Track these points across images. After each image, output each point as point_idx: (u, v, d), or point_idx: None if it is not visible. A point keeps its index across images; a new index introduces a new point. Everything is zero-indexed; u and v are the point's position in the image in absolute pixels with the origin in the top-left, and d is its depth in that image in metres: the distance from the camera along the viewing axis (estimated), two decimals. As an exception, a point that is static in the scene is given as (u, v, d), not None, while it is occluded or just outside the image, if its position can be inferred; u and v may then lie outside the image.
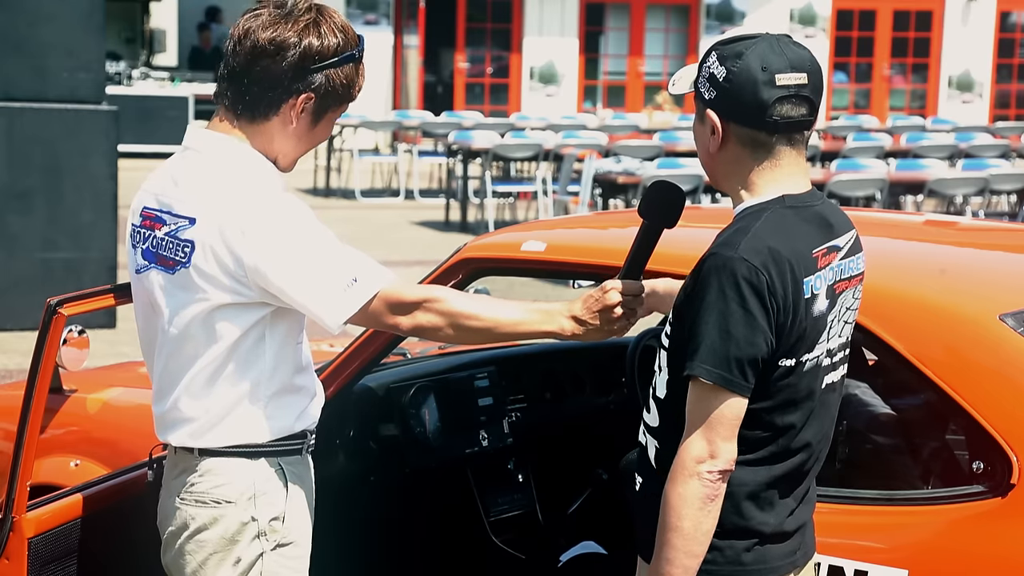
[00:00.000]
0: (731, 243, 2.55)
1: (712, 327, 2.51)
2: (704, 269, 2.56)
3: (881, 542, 2.97)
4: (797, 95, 2.59)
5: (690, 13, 24.38)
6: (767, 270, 2.52)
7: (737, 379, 2.52)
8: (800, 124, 2.62)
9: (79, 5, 9.26)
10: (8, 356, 8.66)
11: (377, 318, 2.88)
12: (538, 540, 4.46)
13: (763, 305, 2.51)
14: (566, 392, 4.65)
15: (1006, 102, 25.77)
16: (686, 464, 2.54)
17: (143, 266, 2.99)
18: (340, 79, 2.94)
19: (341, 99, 2.97)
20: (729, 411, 2.53)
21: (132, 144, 18.62)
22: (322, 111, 2.96)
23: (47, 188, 9.34)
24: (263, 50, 2.89)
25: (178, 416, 2.98)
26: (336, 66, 2.92)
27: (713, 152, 2.66)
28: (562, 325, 2.84)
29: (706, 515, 2.54)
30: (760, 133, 2.61)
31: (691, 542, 2.55)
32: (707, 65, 2.64)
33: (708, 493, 2.53)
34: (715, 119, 2.62)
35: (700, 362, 2.52)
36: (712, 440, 2.53)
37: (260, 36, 2.90)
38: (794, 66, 2.59)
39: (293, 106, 2.92)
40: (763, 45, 2.60)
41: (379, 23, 22.79)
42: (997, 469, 2.91)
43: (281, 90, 2.91)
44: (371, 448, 4.08)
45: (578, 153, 14.03)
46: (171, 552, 3.03)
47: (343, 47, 2.93)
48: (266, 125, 2.95)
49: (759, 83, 2.57)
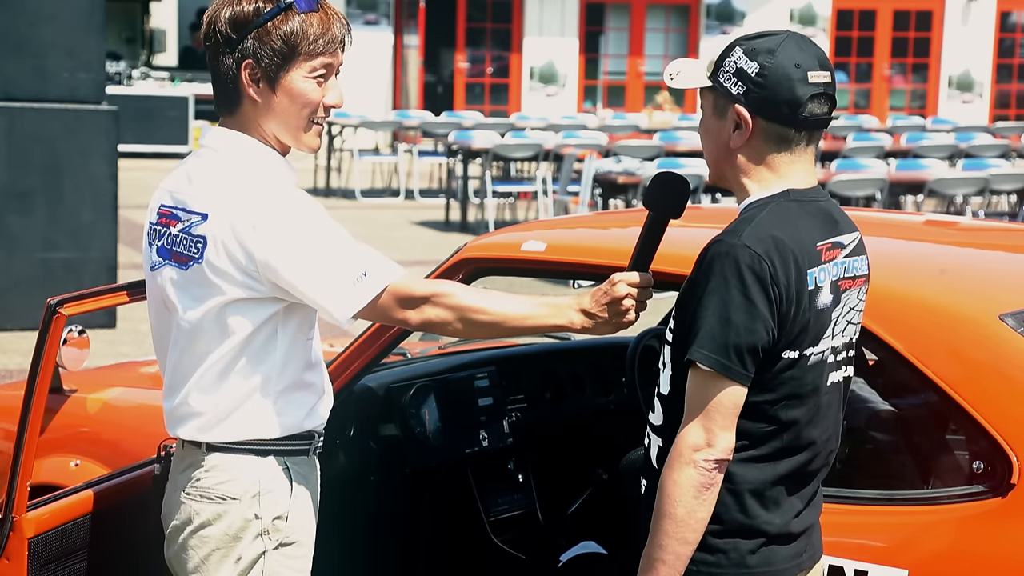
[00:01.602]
0: (735, 231, 2.56)
1: (712, 313, 2.51)
2: (707, 257, 2.56)
3: (881, 542, 2.97)
4: (825, 93, 2.61)
5: (690, 13, 24.39)
6: (770, 258, 2.52)
7: (735, 366, 2.51)
8: (825, 122, 2.64)
9: (79, 5, 9.26)
10: (8, 356, 8.66)
11: (386, 312, 2.88)
12: (538, 540, 4.46)
13: (765, 293, 2.51)
14: (566, 392, 4.65)
15: (1006, 102, 25.77)
16: (682, 451, 2.54)
17: (157, 263, 3.00)
18: (277, 36, 2.90)
19: (289, 55, 2.91)
20: (727, 399, 2.53)
21: (132, 144, 18.65)
22: (272, 73, 2.92)
23: (47, 188, 9.34)
24: (205, 45, 2.97)
25: (188, 411, 2.99)
26: (260, 26, 2.90)
27: (735, 147, 2.65)
28: (571, 318, 2.84)
29: (700, 503, 2.54)
30: (789, 130, 2.61)
31: (684, 529, 2.54)
32: (732, 60, 2.62)
33: (703, 481, 2.53)
34: (745, 114, 2.62)
35: (698, 347, 2.52)
36: (709, 428, 2.53)
37: (201, 34, 2.99)
38: (821, 64, 2.61)
39: (246, 82, 2.93)
40: (792, 43, 2.61)
41: (379, 23, 22.80)
42: (997, 469, 2.91)
43: (227, 71, 2.94)
44: (371, 448, 4.08)
45: (578, 153, 14.03)
46: (174, 547, 3.03)
47: (263, 8, 2.91)
48: (243, 111, 2.97)
49: (794, 80, 2.58)
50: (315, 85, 2.95)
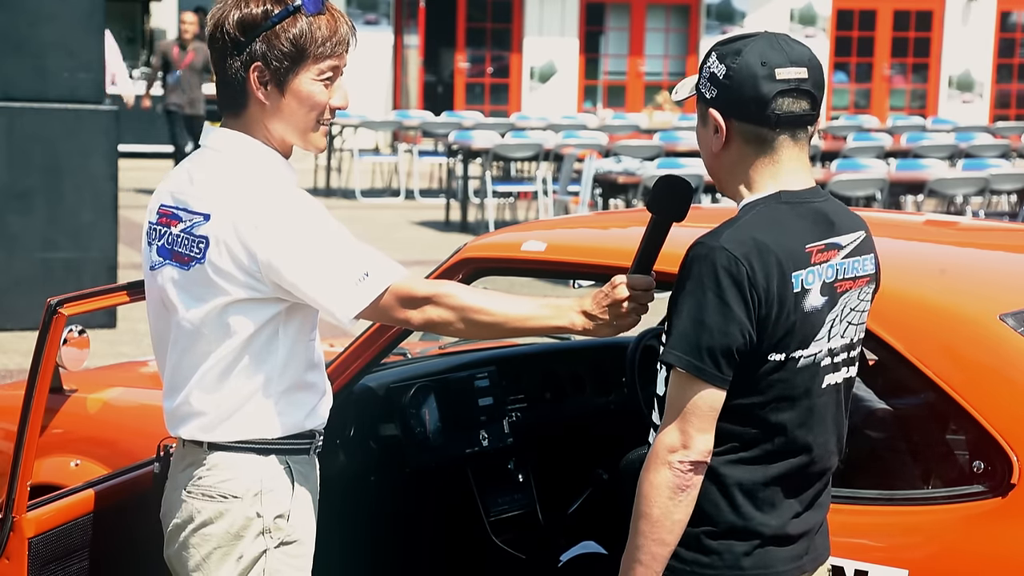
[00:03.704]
0: (715, 233, 2.57)
1: (687, 316, 2.52)
2: (687, 258, 2.57)
3: (881, 542, 2.97)
4: (798, 89, 2.60)
5: (690, 13, 24.38)
6: (748, 261, 2.52)
7: (709, 368, 2.51)
8: (802, 119, 2.62)
9: (79, 5, 9.26)
10: (8, 356, 8.66)
11: (388, 313, 2.89)
12: (538, 540, 4.46)
13: (742, 296, 2.51)
14: (566, 392, 4.65)
15: (1006, 102, 25.77)
16: (659, 453, 2.54)
17: (158, 263, 3.01)
18: (286, 38, 2.91)
19: (297, 58, 2.92)
20: (703, 402, 2.53)
21: (132, 144, 18.64)
22: (281, 76, 2.93)
23: (47, 188, 9.34)
24: (210, 45, 2.98)
25: (189, 410, 2.99)
26: (269, 28, 2.91)
27: (716, 152, 2.66)
28: (572, 320, 2.84)
29: (676, 504, 2.54)
30: (762, 129, 2.61)
31: (659, 529, 2.55)
32: (707, 66, 2.65)
33: (679, 483, 2.53)
34: (717, 117, 2.63)
35: (671, 348, 2.53)
36: (685, 431, 2.53)
37: (207, 34, 2.99)
38: (794, 61, 2.60)
39: (254, 84, 2.93)
40: (762, 42, 2.61)
41: (379, 23, 22.80)
42: (997, 469, 2.91)
43: (234, 74, 2.94)
44: (371, 448, 4.08)
45: (578, 153, 14.02)
46: (174, 545, 3.04)
47: (271, 10, 2.92)
48: (249, 112, 2.97)
49: (758, 78, 2.58)
50: (322, 87, 2.97)
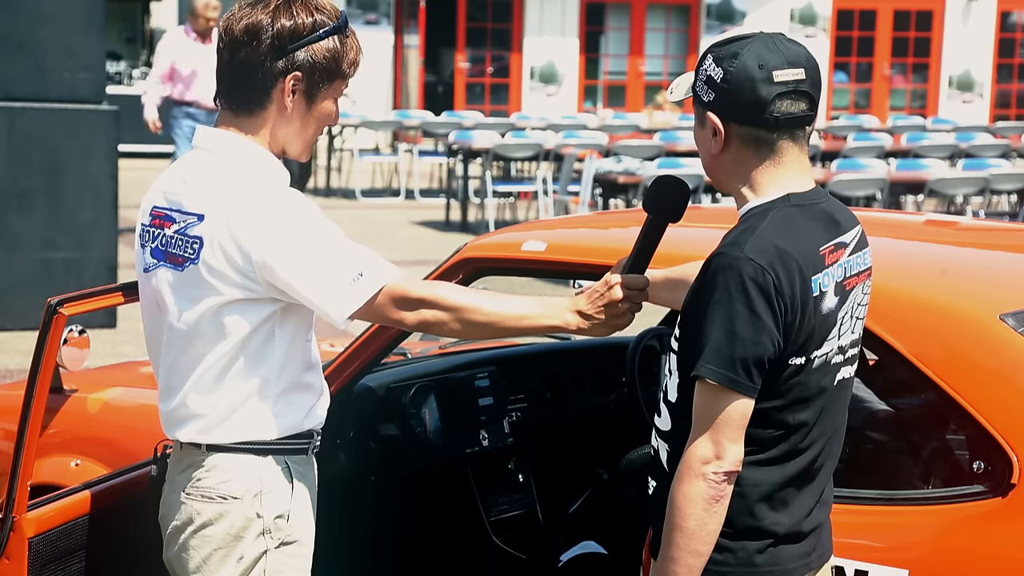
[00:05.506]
0: (737, 243, 2.55)
1: (717, 328, 2.52)
2: (711, 269, 2.56)
3: (881, 542, 2.97)
4: (796, 91, 2.60)
5: (690, 13, 24.38)
6: (773, 270, 2.52)
7: (743, 379, 2.52)
8: (801, 120, 2.62)
9: (79, 5, 9.26)
10: (8, 356, 8.66)
11: (382, 313, 2.89)
12: (538, 540, 4.46)
13: (770, 305, 2.51)
14: (566, 392, 4.65)
15: (1006, 102, 25.77)
16: (692, 465, 2.54)
17: (151, 264, 3.00)
18: (324, 54, 2.93)
19: (331, 75, 2.96)
20: (735, 412, 2.53)
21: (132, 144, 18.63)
22: (314, 89, 2.95)
23: (47, 188, 9.33)
24: (240, 41, 2.93)
25: (186, 413, 2.99)
26: (315, 41, 2.92)
27: (715, 154, 2.66)
28: (566, 319, 2.85)
29: (711, 516, 2.55)
30: (761, 131, 2.61)
31: (695, 541, 2.55)
32: (704, 68, 2.64)
33: (713, 494, 2.54)
34: (716, 120, 2.63)
35: (705, 362, 2.53)
36: (718, 441, 2.53)
37: (235, 28, 2.94)
38: (791, 62, 2.59)
39: (283, 90, 2.93)
40: (759, 44, 2.61)
41: (379, 23, 22.79)
42: (997, 469, 2.91)
43: (265, 76, 2.93)
44: (371, 448, 4.08)
45: (578, 153, 14.02)
46: (174, 547, 3.03)
47: (320, 23, 2.93)
48: (263, 115, 2.96)
49: (756, 80, 2.57)
50: (335, 104, 3.01)
